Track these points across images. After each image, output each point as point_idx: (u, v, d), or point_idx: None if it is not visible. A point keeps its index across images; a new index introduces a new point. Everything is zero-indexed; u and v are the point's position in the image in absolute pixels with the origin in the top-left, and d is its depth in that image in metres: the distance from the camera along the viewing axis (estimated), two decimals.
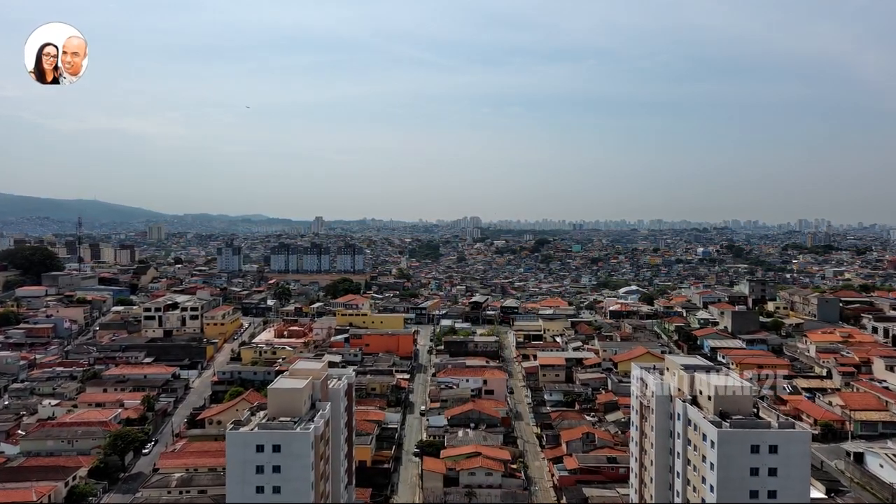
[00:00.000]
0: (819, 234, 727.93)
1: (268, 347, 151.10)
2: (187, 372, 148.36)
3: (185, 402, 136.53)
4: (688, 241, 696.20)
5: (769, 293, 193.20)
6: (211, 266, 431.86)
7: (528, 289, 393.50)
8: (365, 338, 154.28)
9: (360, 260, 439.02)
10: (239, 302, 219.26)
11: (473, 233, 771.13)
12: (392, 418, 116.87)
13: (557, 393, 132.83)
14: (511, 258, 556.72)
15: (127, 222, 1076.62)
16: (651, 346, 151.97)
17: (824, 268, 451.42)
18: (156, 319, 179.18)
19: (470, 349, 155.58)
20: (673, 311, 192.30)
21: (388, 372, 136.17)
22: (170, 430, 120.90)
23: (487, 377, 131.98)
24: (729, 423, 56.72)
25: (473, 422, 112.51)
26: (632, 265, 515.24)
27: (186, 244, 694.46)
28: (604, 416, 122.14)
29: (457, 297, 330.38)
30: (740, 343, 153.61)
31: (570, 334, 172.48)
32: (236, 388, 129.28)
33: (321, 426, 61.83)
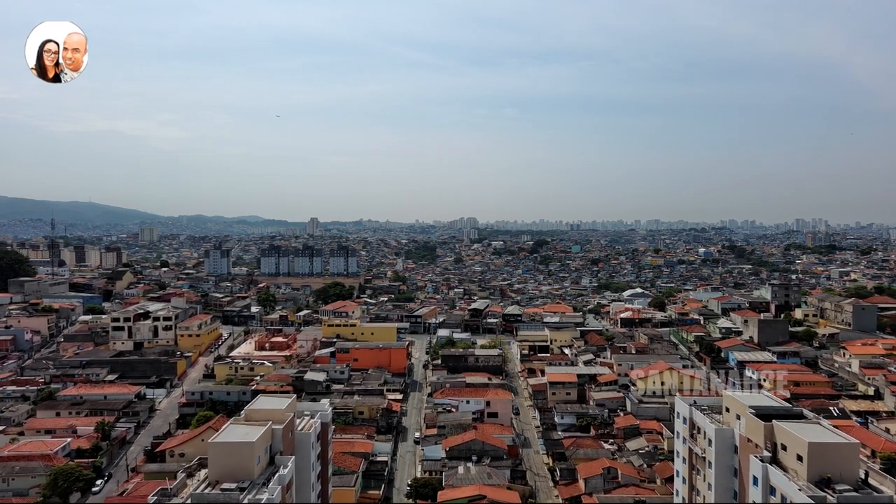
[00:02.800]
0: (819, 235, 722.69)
1: (244, 363, 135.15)
2: (153, 391, 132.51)
3: (149, 427, 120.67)
4: (686, 241, 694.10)
5: (794, 298, 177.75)
6: (199, 269, 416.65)
7: (528, 291, 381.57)
8: (353, 352, 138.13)
9: (353, 262, 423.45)
10: (220, 309, 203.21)
11: (470, 233, 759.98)
12: (381, 448, 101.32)
13: (570, 415, 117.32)
14: (509, 259, 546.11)
15: (121, 224, 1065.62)
16: (670, 359, 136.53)
17: (829, 268, 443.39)
18: (125, 330, 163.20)
19: (470, 364, 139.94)
20: (689, 319, 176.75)
21: (377, 392, 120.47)
22: (127, 463, 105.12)
23: (490, 398, 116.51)
24: (836, 498, 41.21)
25: (476, 454, 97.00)
26: (633, 266, 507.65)
27: (179, 246, 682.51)
28: (624, 444, 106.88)
29: (454, 300, 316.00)
30: (770, 356, 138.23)
31: (580, 345, 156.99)
32: (205, 412, 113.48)
33: (277, 496, 46.12)
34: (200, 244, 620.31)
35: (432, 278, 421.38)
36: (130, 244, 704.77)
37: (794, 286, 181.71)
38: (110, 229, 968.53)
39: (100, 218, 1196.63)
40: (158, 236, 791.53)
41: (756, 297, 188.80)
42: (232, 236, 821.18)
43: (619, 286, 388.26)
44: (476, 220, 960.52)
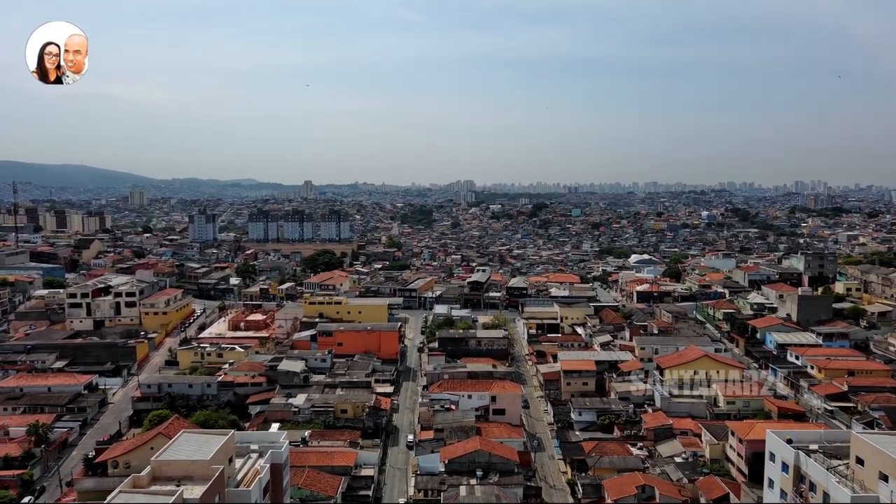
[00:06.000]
0: (820, 197, 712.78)
1: (212, 349, 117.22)
2: (106, 381, 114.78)
3: (98, 425, 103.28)
4: (686, 204, 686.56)
5: (829, 269, 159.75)
6: (184, 235, 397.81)
7: (528, 257, 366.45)
8: (337, 335, 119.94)
9: (345, 227, 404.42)
10: (195, 282, 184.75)
11: (468, 197, 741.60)
12: (367, 458, 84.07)
13: (588, 411, 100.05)
14: (508, 224, 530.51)
15: (114, 188, 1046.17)
16: (700, 342, 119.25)
17: (836, 232, 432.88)
18: (83, 307, 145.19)
19: (471, 347, 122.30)
20: (714, 293, 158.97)
21: (364, 385, 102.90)
22: (64, 473, 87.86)
23: (497, 392, 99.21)
24: None
25: (481, 467, 79.87)
26: (635, 230, 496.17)
27: (170, 210, 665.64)
28: (655, 449, 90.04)
29: (451, 268, 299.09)
30: (814, 338, 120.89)
31: (594, 324, 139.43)
32: (160, 410, 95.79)
33: None
34: (192, 208, 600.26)
35: (429, 244, 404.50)
36: (120, 208, 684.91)
37: (830, 255, 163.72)
38: (101, 193, 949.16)
39: (92, 181, 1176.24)
40: (148, 200, 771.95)
41: (786, 267, 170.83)
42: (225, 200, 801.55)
43: (622, 251, 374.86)
44: (473, 183, 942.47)
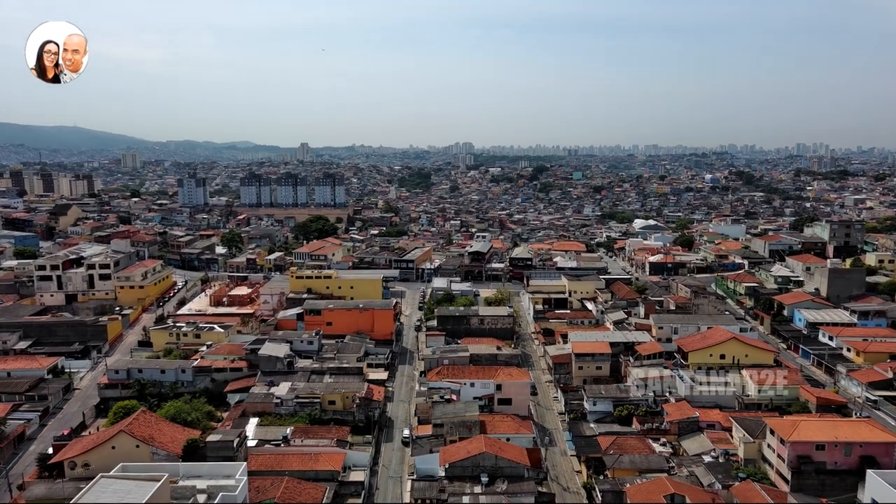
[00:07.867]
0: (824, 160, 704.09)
1: (189, 328, 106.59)
2: (73, 364, 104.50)
3: (61, 415, 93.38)
4: (688, 166, 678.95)
5: (855, 238, 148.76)
6: (174, 199, 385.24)
7: (528, 221, 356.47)
8: (326, 314, 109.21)
9: (341, 192, 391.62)
10: (177, 251, 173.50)
11: (466, 159, 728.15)
12: (357, 459, 74.21)
13: (604, 401, 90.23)
14: (507, 187, 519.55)
15: (108, 150, 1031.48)
16: (723, 320, 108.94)
17: (843, 195, 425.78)
18: (53, 280, 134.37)
19: (473, 326, 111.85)
20: (732, 264, 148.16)
21: (355, 371, 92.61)
22: (18, 474, 77.93)
23: (502, 379, 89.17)
24: None
25: (486, 472, 70.01)
26: (637, 194, 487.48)
27: (163, 173, 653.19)
28: (679, 444, 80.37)
29: (450, 234, 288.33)
30: (848, 315, 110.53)
31: (606, 299, 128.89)
32: (126, 401, 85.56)
33: None
34: (186, 171, 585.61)
35: (427, 208, 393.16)
36: (112, 171, 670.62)
37: (857, 224, 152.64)
38: (95, 155, 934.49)
39: (86, 143, 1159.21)
40: (142, 162, 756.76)
41: (809, 235, 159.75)
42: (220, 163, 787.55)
43: (625, 216, 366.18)
44: (472, 146, 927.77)
